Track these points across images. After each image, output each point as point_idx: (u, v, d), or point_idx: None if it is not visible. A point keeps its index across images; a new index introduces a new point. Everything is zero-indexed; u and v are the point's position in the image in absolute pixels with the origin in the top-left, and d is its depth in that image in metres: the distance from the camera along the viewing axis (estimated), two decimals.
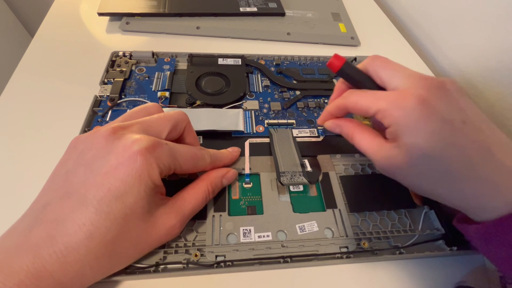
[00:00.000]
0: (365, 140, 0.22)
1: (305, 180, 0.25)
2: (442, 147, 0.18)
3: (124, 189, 0.17)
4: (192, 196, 0.21)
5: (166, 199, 0.20)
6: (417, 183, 0.20)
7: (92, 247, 0.16)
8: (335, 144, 0.29)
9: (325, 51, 0.42)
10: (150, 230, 0.19)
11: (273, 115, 0.32)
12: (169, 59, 0.35)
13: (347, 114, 0.24)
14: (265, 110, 0.32)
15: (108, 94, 0.31)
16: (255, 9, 0.45)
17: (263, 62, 0.37)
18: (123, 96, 0.31)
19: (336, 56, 0.22)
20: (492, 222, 0.18)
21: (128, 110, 0.30)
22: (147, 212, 0.18)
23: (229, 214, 0.24)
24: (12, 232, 0.17)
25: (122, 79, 0.32)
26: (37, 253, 0.15)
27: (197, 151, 0.22)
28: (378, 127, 0.23)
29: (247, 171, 0.26)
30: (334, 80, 0.36)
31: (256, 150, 0.28)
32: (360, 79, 0.23)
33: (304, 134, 0.30)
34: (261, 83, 0.35)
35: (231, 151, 0.26)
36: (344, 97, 0.23)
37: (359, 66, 0.23)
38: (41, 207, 0.17)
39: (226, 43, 0.41)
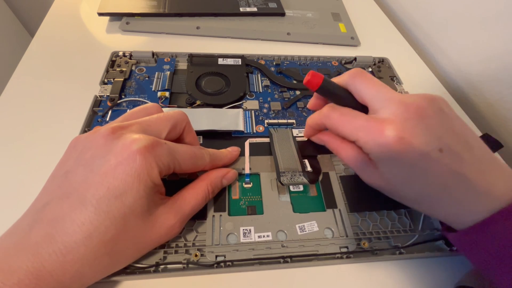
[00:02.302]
0: (350, 158, 0.22)
1: (305, 180, 0.25)
2: (418, 177, 0.19)
3: (124, 188, 0.17)
4: (192, 196, 0.21)
5: (166, 199, 0.20)
6: (400, 200, 0.22)
7: (91, 246, 0.16)
8: None
9: (325, 51, 0.42)
10: (150, 229, 0.19)
11: (273, 115, 0.32)
12: (169, 59, 0.35)
13: None
14: (265, 110, 0.32)
15: (108, 94, 0.31)
16: (255, 9, 0.45)
17: (263, 62, 0.37)
18: (123, 96, 0.31)
19: (313, 73, 0.21)
20: (463, 232, 0.19)
21: (128, 110, 0.30)
22: (147, 212, 0.18)
23: (229, 214, 0.24)
24: (11, 232, 0.17)
25: (122, 79, 0.32)
26: (36, 252, 0.15)
27: (196, 151, 0.22)
28: None
29: (247, 171, 0.26)
30: None
31: (256, 150, 0.28)
32: (340, 96, 0.22)
33: None
34: (261, 83, 0.35)
35: (230, 151, 0.26)
36: (324, 116, 0.23)
37: (337, 80, 0.23)
38: (40, 207, 0.17)
39: (226, 43, 0.41)
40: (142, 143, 0.18)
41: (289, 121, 0.31)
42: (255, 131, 0.30)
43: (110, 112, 0.29)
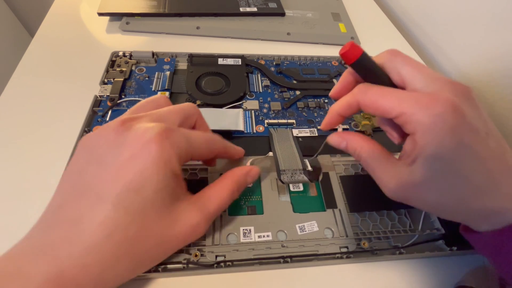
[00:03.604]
0: (376, 160, 0.19)
1: (305, 178, 0.25)
2: (465, 159, 0.16)
3: (142, 181, 0.16)
4: (217, 194, 0.20)
5: (189, 195, 0.19)
6: (433, 201, 0.18)
7: (112, 246, 0.15)
8: None
9: (325, 51, 0.42)
10: (173, 226, 0.18)
11: (273, 115, 0.32)
12: (169, 59, 0.35)
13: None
14: (265, 110, 0.32)
15: (108, 94, 0.31)
16: (255, 9, 0.45)
17: (263, 62, 0.37)
18: (123, 96, 0.31)
19: (352, 45, 0.18)
20: (491, 233, 0.18)
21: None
22: (169, 206, 0.17)
23: (229, 214, 0.24)
24: (29, 236, 0.16)
25: (122, 79, 0.32)
26: (54, 256, 0.15)
27: (210, 134, 0.21)
28: (389, 128, 0.21)
29: None
30: (334, 80, 0.36)
31: (256, 150, 0.28)
32: (377, 73, 0.19)
33: (304, 134, 0.30)
34: (261, 83, 0.35)
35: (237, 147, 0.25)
36: (357, 93, 0.19)
37: (375, 59, 0.20)
38: (55, 209, 0.16)
39: (226, 43, 0.41)
40: (156, 130, 0.17)
41: (289, 121, 0.31)
42: (255, 131, 0.30)
43: (110, 112, 0.29)
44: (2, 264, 0.15)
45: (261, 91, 0.34)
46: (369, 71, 0.19)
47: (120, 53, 0.35)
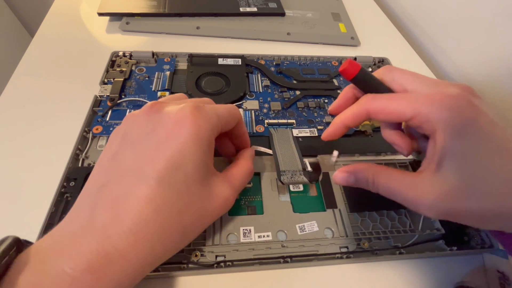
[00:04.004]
0: (396, 179, 0.18)
1: (305, 179, 0.25)
2: (492, 151, 0.16)
3: (182, 158, 0.17)
4: (240, 172, 0.21)
5: (217, 171, 0.20)
6: (477, 207, 0.16)
7: (161, 221, 0.16)
8: (335, 144, 0.29)
9: (325, 51, 0.42)
10: (210, 199, 0.19)
11: (273, 115, 0.32)
12: (169, 59, 0.35)
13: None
14: (265, 110, 0.32)
15: (108, 94, 0.31)
16: (255, 9, 0.45)
17: (263, 62, 0.37)
18: (123, 96, 0.31)
19: (350, 62, 0.19)
20: None
21: (128, 111, 0.30)
22: (206, 180, 0.18)
23: (229, 214, 0.24)
24: (71, 219, 0.16)
25: (122, 79, 0.32)
26: (105, 234, 0.15)
27: (228, 105, 0.22)
28: (397, 138, 0.21)
29: None
30: (334, 80, 0.36)
31: (256, 150, 0.28)
32: (378, 86, 0.20)
33: (304, 134, 0.30)
34: (261, 83, 0.35)
35: None
36: (365, 102, 0.19)
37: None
38: (96, 191, 0.16)
39: (226, 43, 0.41)
40: (189, 108, 0.18)
41: (289, 121, 0.31)
42: (255, 131, 0.30)
43: (110, 112, 0.29)
44: (49, 242, 0.15)
45: (261, 91, 0.34)
46: (368, 84, 0.20)
47: (120, 53, 0.35)
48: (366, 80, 0.20)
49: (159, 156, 0.16)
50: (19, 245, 0.14)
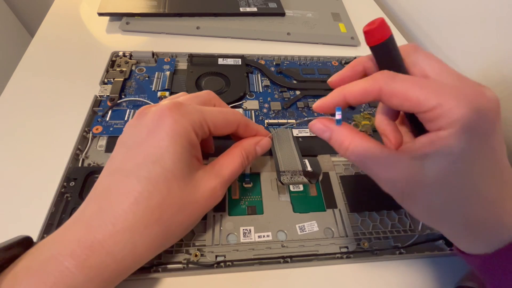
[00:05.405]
0: (374, 157, 0.17)
1: (305, 180, 0.25)
2: (490, 163, 0.15)
3: (160, 153, 0.18)
4: (228, 161, 0.22)
5: (204, 165, 0.21)
6: (439, 203, 0.16)
7: (139, 213, 0.17)
8: None
9: (325, 51, 0.42)
10: (194, 192, 0.19)
11: (273, 115, 0.32)
12: (169, 59, 0.35)
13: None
14: (265, 110, 0.32)
15: (108, 94, 0.31)
16: (255, 9, 0.45)
17: (263, 62, 0.37)
18: (123, 96, 0.31)
19: (382, 22, 0.15)
20: (490, 255, 0.17)
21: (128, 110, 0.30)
22: (187, 175, 0.19)
23: (229, 214, 0.24)
24: (73, 214, 0.18)
25: (122, 79, 0.32)
26: (89, 225, 0.16)
27: (226, 108, 0.22)
28: (390, 130, 0.19)
29: (247, 171, 0.26)
30: None
31: None
32: (399, 65, 0.17)
33: (304, 134, 0.30)
34: (261, 83, 0.35)
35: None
36: (381, 78, 0.16)
37: None
38: (92, 190, 0.18)
39: (226, 43, 0.41)
40: (166, 105, 0.19)
41: (289, 121, 0.31)
42: None
43: (110, 112, 0.29)
44: (51, 235, 0.17)
45: (261, 91, 0.34)
46: (391, 58, 0.16)
47: (120, 53, 0.35)
48: (391, 52, 0.16)
49: (140, 153, 0.18)
50: (27, 242, 0.16)
